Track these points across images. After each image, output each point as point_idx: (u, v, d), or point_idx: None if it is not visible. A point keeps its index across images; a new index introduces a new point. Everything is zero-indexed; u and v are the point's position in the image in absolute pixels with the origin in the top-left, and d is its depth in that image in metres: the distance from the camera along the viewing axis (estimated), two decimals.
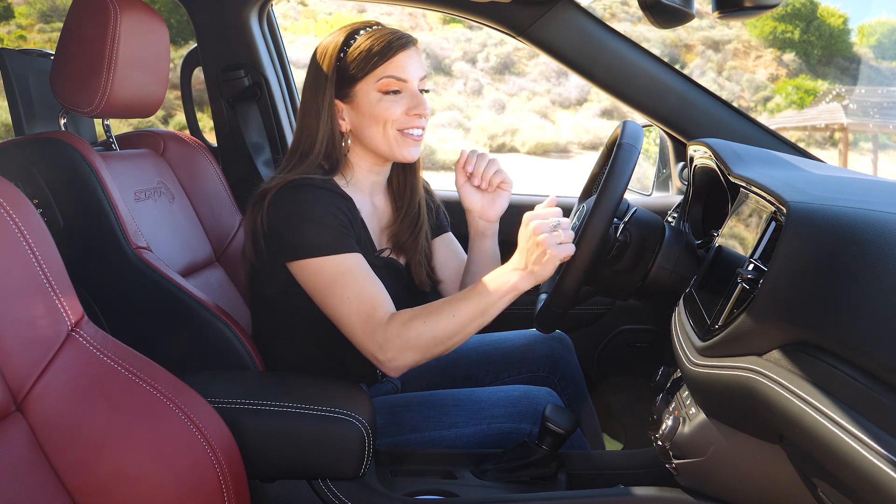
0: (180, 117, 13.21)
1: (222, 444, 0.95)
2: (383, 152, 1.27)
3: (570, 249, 1.10)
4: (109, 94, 1.32)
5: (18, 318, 0.87)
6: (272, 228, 1.19)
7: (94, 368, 0.92)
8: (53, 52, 1.38)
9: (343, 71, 1.24)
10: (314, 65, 1.27)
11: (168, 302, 1.29)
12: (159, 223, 1.49)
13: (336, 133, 1.26)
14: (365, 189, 1.32)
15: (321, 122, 1.25)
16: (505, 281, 1.13)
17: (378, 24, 1.28)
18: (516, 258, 1.14)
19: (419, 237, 1.38)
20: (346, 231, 1.20)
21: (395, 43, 1.23)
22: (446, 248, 1.48)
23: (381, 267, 1.29)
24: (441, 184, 1.58)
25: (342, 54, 1.24)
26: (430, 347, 1.15)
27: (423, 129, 1.28)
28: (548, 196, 1.19)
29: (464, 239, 1.57)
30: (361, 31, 1.26)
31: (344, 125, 1.27)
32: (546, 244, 1.08)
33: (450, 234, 1.50)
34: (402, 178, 1.38)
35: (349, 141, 1.28)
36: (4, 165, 1.31)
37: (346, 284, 1.16)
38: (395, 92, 1.23)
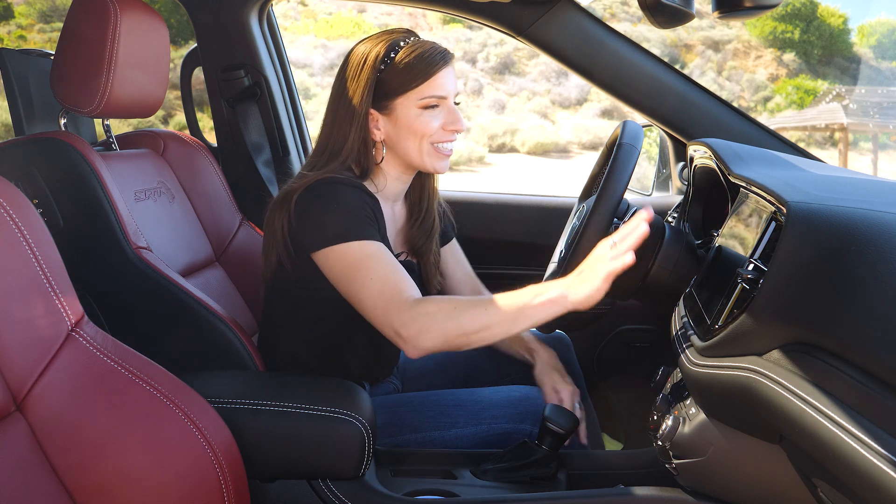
0: (180, 117, 13.20)
1: (222, 444, 0.95)
2: (415, 163, 1.28)
3: (619, 263, 1.04)
4: (109, 94, 1.32)
5: (18, 318, 0.87)
6: (300, 224, 1.19)
7: (94, 368, 0.92)
8: (53, 52, 1.38)
9: (383, 83, 1.24)
10: (349, 70, 1.26)
11: (168, 302, 1.29)
12: (159, 223, 1.49)
13: (368, 140, 1.26)
14: (390, 197, 1.33)
15: (353, 128, 1.25)
16: (545, 290, 1.08)
17: (415, 34, 1.28)
18: (567, 277, 1.10)
19: (433, 240, 1.40)
20: (371, 221, 1.19)
21: (437, 59, 1.24)
22: (452, 257, 1.50)
23: None
24: (444, 184, 1.59)
25: (383, 66, 1.24)
26: (454, 336, 1.10)
27: (454, 140, 1.30)
28: (549, 196, 1.19)
29: (467, 241, 1.58)
30: (402, 43, 1.25)
31: (378, 135, 1.27)
32: (598, 258, 1.06)
33: (454, 243, 1.52)
34: (421, 185, 1.40)
35: (384, 150, 1.28)
36: (4, 165, 1.31)
37: (370, 268, 1.14)
38: (434, 107, 1.25)
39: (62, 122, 1.48)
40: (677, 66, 3.13)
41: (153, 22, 1.41)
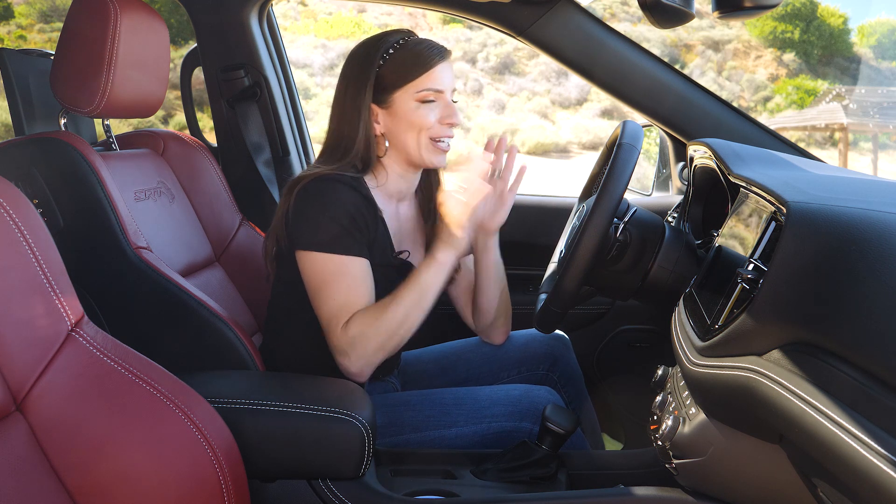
0: (180, 117, 13.20)
1: (222, 444, 0.95)
2: (414, 158, 1.30)
3: (464, 210, 1.18)
4: (109, 94, 1.32)
5: (18, 318, 0.87)
6: (294, 216, 1.24)
7: (94, 368, 0.92)
8: (53, 52, 1.38)
9: (382, 78, 1.27)
10: (351, 68, 1.30)
11: (168, 302, 1.29)
12: (159, 223, 1.49)
13: (371, 135, 1.29)
14: (392, 195, 1.36)
15: (360, 124, 1.28)
16: (425, 262, 1.22)
17: (413, 33, 1.32)
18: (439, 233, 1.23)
19: None
20: (357, 234, 1.23)
21: (434, 54, 1.27)
22: (461, 264, 1.48)
23: (396, 266, 1.33)
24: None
25: (381, 62, 1.27)
26: (386, 341, 1.20)
27: (452, 136, 1.33)
28: (549, 196, 1.20)
29: None
30: (400, 40, 1.28)
31: (378, 128, 1.30)
32: (448, 213, 1.19)
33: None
34: (429, 188, 1.42)
35: (387, 144, 1.31)
36: (4, 165, 1.31)
37: (337, 285, 1.21)
38: (431, 101, 1.27)
39: (62, 122, 1.48)
40: (677, 66, 3.13)
41: (153, 22, 1.41)
